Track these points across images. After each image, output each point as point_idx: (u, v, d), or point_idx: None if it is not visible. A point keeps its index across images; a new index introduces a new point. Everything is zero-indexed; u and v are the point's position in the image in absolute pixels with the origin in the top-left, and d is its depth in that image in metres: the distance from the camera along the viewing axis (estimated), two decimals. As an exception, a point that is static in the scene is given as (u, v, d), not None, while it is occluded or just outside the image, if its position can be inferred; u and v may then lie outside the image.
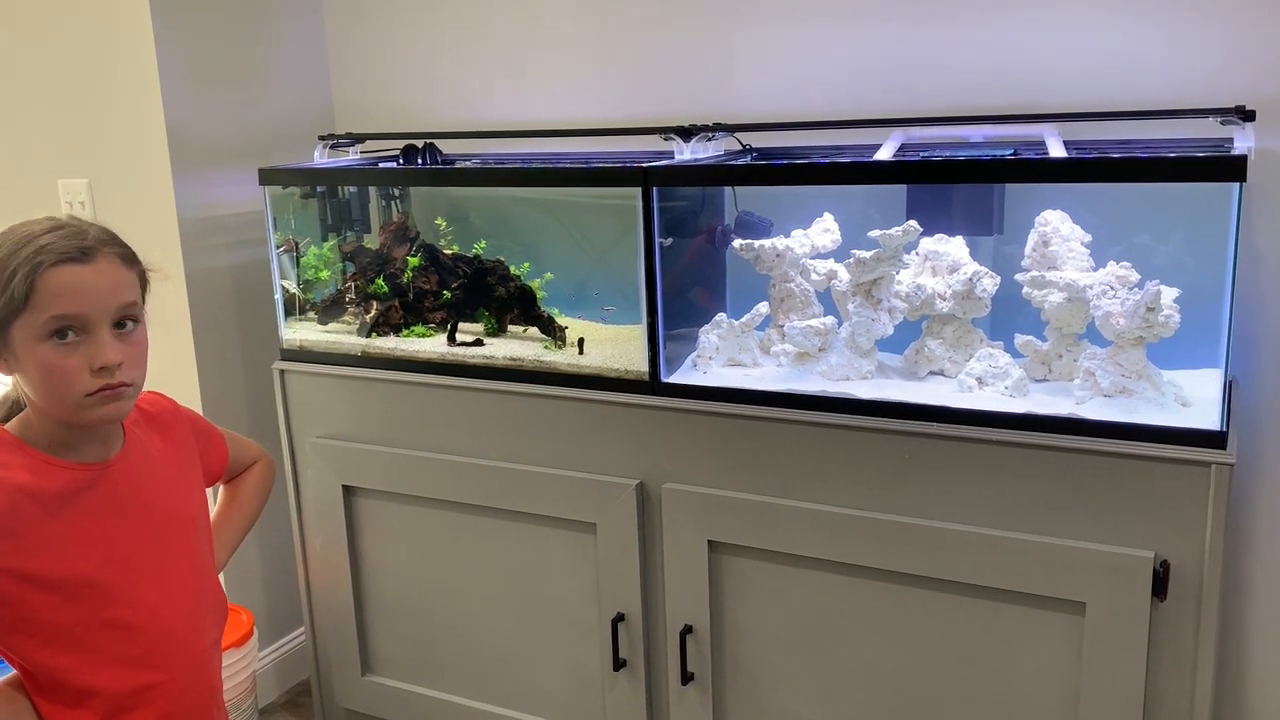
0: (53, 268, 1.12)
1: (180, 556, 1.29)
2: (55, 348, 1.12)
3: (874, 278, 1.79)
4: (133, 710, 1.22)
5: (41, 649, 1.16)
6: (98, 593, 1.18)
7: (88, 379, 1.13)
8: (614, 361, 1.90)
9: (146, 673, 1.22)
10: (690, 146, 1.93)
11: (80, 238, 1.15)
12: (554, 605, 1.98)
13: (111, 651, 1.19)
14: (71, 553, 1.16)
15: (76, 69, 2.32)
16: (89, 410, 1.15)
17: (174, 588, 1.27)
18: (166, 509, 1.28)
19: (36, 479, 1.16)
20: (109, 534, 1.20)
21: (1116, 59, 1.85)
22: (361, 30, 2.57)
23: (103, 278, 1.15)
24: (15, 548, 1.12)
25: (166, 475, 1.31)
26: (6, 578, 1.12)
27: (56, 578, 1.15)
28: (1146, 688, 1.52)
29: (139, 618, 1.21)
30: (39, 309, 1.11)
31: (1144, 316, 1.56)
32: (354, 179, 2.29)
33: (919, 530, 1.62)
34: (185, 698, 1.27)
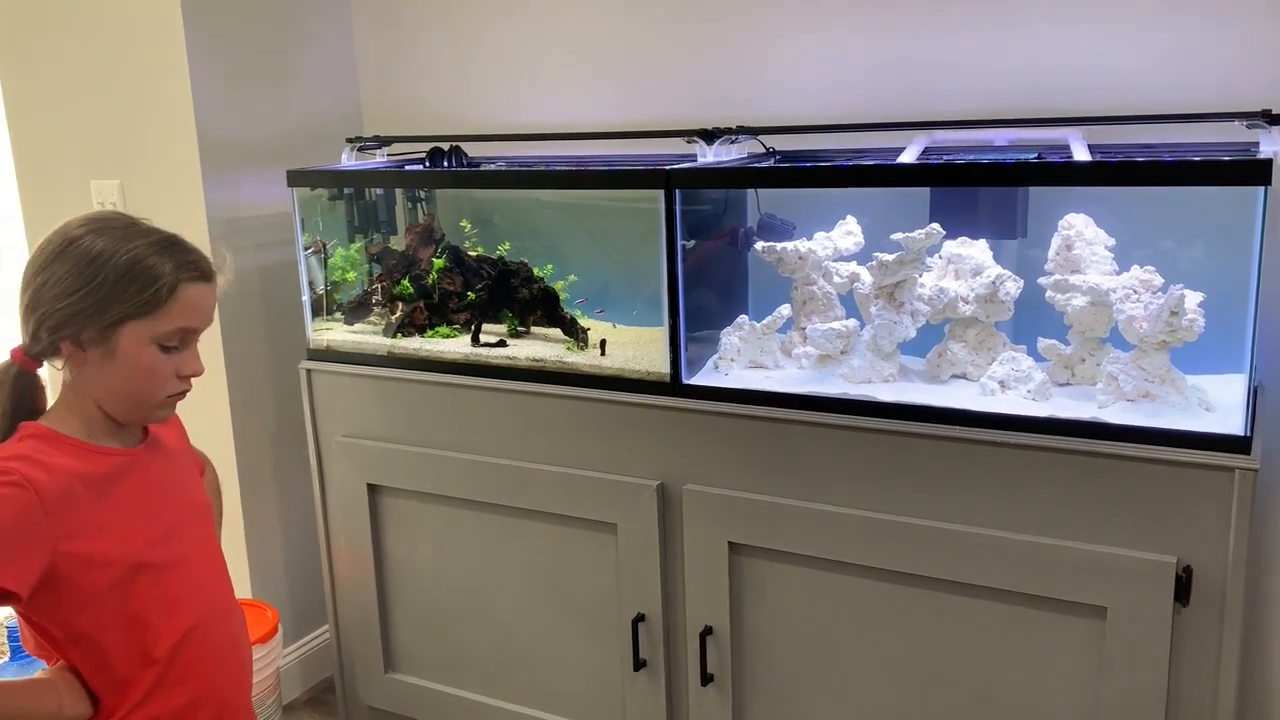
0: (191, 283, 1.21)
1: (206, 541, 1.35)
2: (159, 352, 1.20)
3: (897, 280, 1.79)
4: (176, 685, 1.26)
5: (101, 629, 1.20)
6: (146, 571, 1.23)
7: (174, 382, 1.23)
8: (636, 363, 1.91)
9: (189, 649, 1.27)
10: (713, 149, 1.94)
11: (204, 261, 1.24)
12: (575, 605, 1.99)
13: (160, 627, 1.24)
14: (122, 533, 1.21)
15: (109, 72, 2.35)
16: (160, 410, 1.25)
17: (207, 570, 1.33)
18: (188, 496, 1.34)
19: (82, 464, 1.20)
20: (150, 515, 1.25)
21: (1141, 63, 1.84)
22: (389, 34, 2.59)
23: (212, 298, 1.26)
24: (74, 530, 1.16)
25: (180, 465, 1.37)
26: (67, 559, 1.16)
27: (109, 557, 1.20)
28: (1168, 694, 1.51)
29: (181, 595, 1.26)
30: (169, 318, 1.19)
31: (1168, 320, 1.55)
32: (381, 181, 2.32)
33: (940, 533, 1.62)
34: (223, 675, 1.31)
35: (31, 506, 1.13)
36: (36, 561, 1.14)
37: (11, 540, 1.12)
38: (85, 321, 1.18)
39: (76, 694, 1.22)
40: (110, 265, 1.17)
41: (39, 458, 1.17)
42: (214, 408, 2.41)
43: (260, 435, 2.46)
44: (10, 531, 1.12)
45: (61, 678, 1.23)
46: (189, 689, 1.27)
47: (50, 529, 1.15)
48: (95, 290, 1.17)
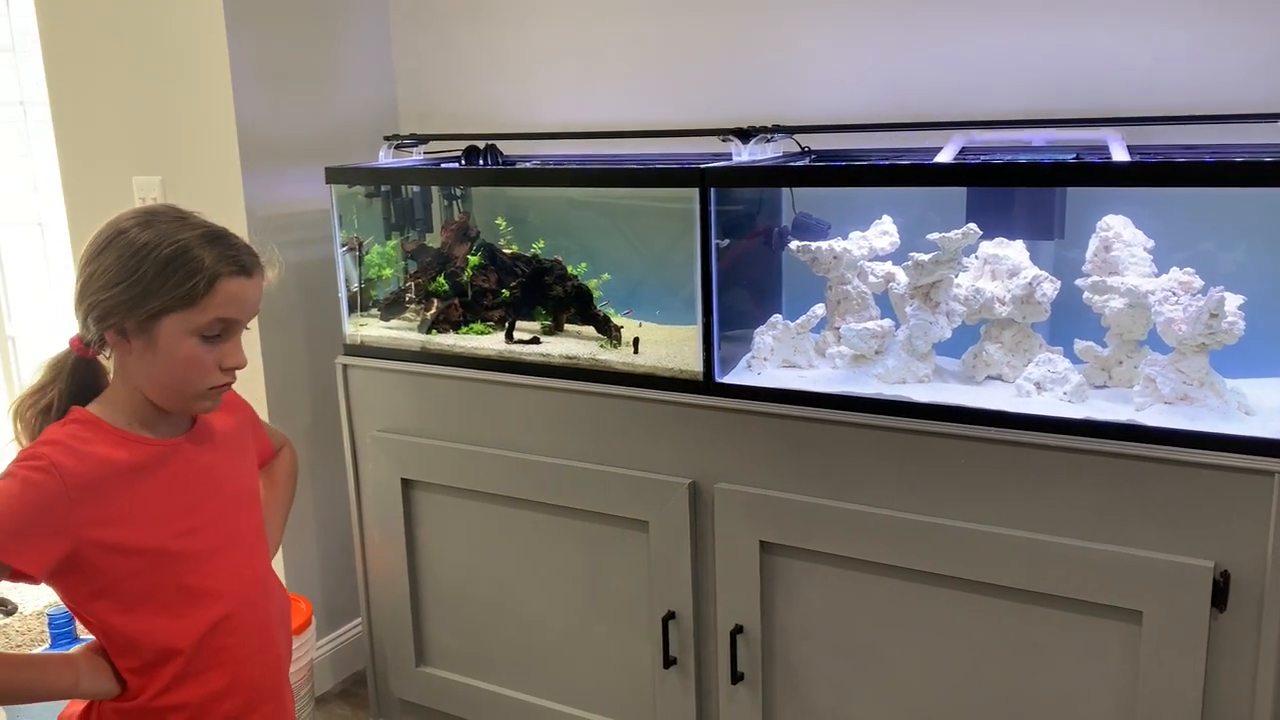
0: (232, 276, 1.22)
1: (248, 530, 1.36)
2: (200, 344, 1.22)
3: (932, 281, 1.78)
4: (205, 672, 1.27)
5: (124, 613, 1.22)
6: (175, 560, 1.24)
7: (216, 374, 1.24)
8: (669, 361, 1.91)
9: (219, 637, 1.28)
10: (749, 148, 1.94)
11: (248, 254, 1.26)
12: (606, 602, 2.00)
13: (187, 616, 1.25)
14: (151, 522, 1.23)
15: (153, 70, 2.39)
16: (203, 401, 1.26)
17: (244, 559, 1.34)
18: (233, 485, 1.35)
19: (118, 453, 1.22)
20: (184, 506, 1.26)
21: (1182, 62, 1.83)
22: (426, 33, 2.61)
23: (255, 291, 1.27)
24: (100, 517, 1.18)
25: (231, 454, 1.37)
26: (91, 546, 1.18)
27: (138, 546, 1.21)
28: (1204, 700, 1.50)
29: (213, 585, 1.28)
30: (208, 309, 1.21)
31: (1207, 323, 1.54)
32: (417, 179, 2.33)
33: (974, 535, 1.61)
34: (254, 663, 1.32)
35: (56, 492, 1.16)
36: (56, 546, 1.16)
37: (31, 524, 1.14)
38: (127, 312, 1.20)
39: (99, 672, 1.24)
40: (152, 258, 1.19)
41: (75, 444, 1.20)
42: (251, 402, 2.43)
43: (296, 429, 2.49)
44: (31, 515, 1.15)
45: (85, 655, 1.25)
46: (219, 676, 1.29)
47: (74, 515, 1.17)
48: (137, 282, 1.19)
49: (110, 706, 1.27)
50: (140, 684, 1.25)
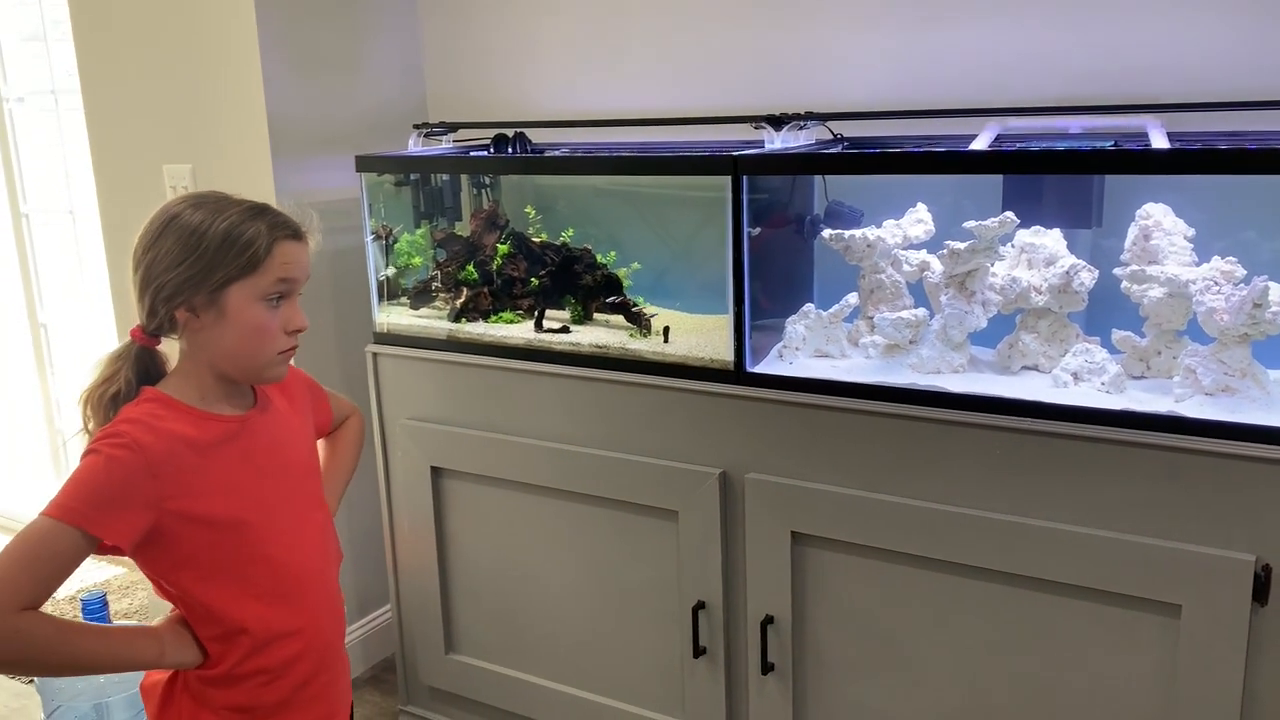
0: (285, 240, 1.30)
1: (310, 502, 1.42)
2: (265, 308, 1.29)
3: (968, 269, 1.76)
4: (278, 642, 1.33)
5: (202, 583, 1.28)
6: (247, 531, 1.30)
7: (282, 338, 1.32)
8: (699, 350, 1.90)
9: (290, 607, 1.35)
10: (781, 135, 1.93)
11: (294, 220, 1.34)
12: (635, 591, 2.00)
13: (261, 586, 1.32)
14: (225, 495, 1.29)
15: (182, 58, 2.40)
16: (273, 367, 1.32)
17: (308, 530, 1.40)
18: (295, 459, 1.41)
19: (192, 429, 1.28)
20: (253, 479, 1.33)
21: (1223, 47, 1.79)
22: (455, 20, 2.61)
23: (306, 255, 1.35)
24: (179, 491, 1.24)
25: (291, 428, 1.44)
26: (173, 518, 1.24)
27: (214, 517, 1.27)
28: (1244, 695, 1.48)
29: (282, 555, 1.34)
30: (268, 272, 1.28)
31: (1250, 313, 1.51)
32: (447, 167, 2.33)
33: (1008, 527, 1.59)
34: (322, 634, 1.39)
35: (138, 468, 1.21)
36: (141, 519, 1.22)
37: (117, 498, 1.20)
38: (195, 287, 1.26)
39: (182, 643, 1.29)
40: (210, 233, 1.26)
41: (151, 422, 1.26)
42: (281, 389, 2.45)
43: (325, 417, 2.50)
44: (117, 490, 1.20)
45: (168, 627, 1.31)
46: (294, 640, 1.35)
47: (155, 490, 1.22)
48: (200, 258, 1.25)
49: (194, 675, 1.32)
50: (221, 651, 1.31)
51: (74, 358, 3.55)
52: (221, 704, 1.32)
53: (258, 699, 1.33)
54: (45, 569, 1.16)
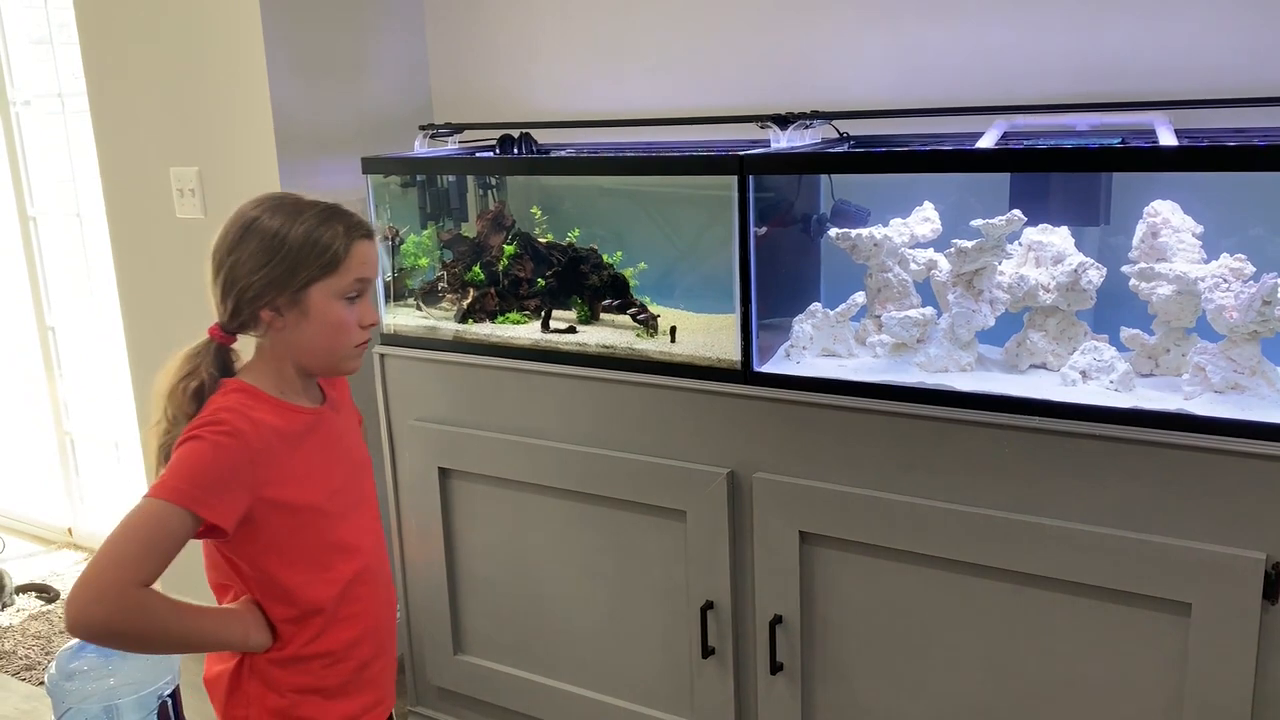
0: (361, 239, 1.36)
1: (369, 490, 1.49)
2: (344, 306, 1.35)
3: (975, 268, 1.76)
4: (344, 624, 1.39)
5: (285, 567, 1.35)
6: (323, 518, 1.37)
7: (358, 332, 1.37)
8: (706, 350, 1.90)
9: (357, 588, 1.40)
10: (787, 134, 1.92)
11: (363, 220, 1.39)
12: (643, 591, 1.99)
13: (333, 571, 1.38)
14: (305, 482, 1.35)
15: (188, 61, 2.40)
16: (350, 360, 1.38)
17: (370, 522, 1.46)
18: (357, 450, 1.48)
19: (278, 419, 1.35)
20: (327, 469, 1.39)
21: (1230, 44, 1.79)
22: (460, 21, 2.61)
23: (375, 253, 1.41)
24: (271, 477, 1.31)
25: (350, 425, 1.51)
26: (264, 503, 1.30)
27: (297, 503, 1.34)
28: (1255, 695, 1.47)
29: (353, 540, 1.40)
30: (348, 272, 1.34)
31: (1259, 310, 1.51)
32: (453, 168, 2.33)
33: (1017, 526, 1.59)
34: (380, 619, 1.45)
35: (240, 453, 1.28)
36: (241, 503, 1.28)
37: (223, 481, 1.26)
38: (279, 289, 1.32)
39: (260, 626, 1.36)
40: (291, 236, 1.32)
41: (245, 411, 1.32)
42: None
43: (333, 419, 2.50)
44: (224, 474, 1.27)
45: (248, 610, 1.36)
46: (357, 624, 1.41)
47: (253, 475, 1.29)
48: (283, 260, 1.31)
49: (263, 658, 1.37)
50: (292, 633, 1.36)
51: (82, 360, 3.56)
52: (288, 686, 1.37)
53: (322, 680, 1.39)
54: (160, 548, 1.22)
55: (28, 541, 3.64)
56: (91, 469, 3.60)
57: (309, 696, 1.38)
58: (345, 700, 1.41)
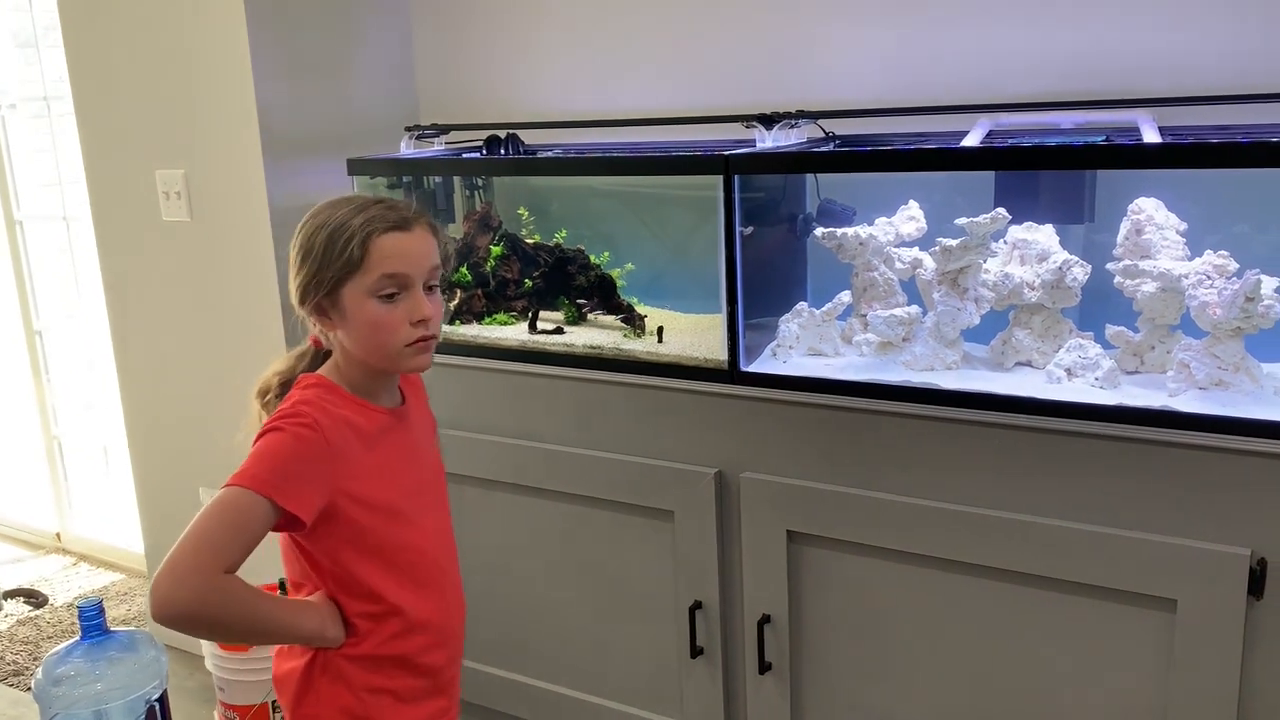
0: (383, 234, 1.29)
1: (443, 497, 1.47)
2: (381, 303, 1.29)
3: (960, 266, 1.76)
4: (419, 628, 1.37)
5: (364, 563, 1.32)
6: (399, 519, 1.34)
7: (407, 330, 1.30)
8: (693, 350, 1.90)
9: (430, 595, 1.38)
10: (773, 134, 1.92)
11: (399, 209, 1.32)
12: (631, 592, 1.99)
13: (408, 572, 1.35)
14: (383, 481, 1.33)
15: (173, 63, 2.39)
16: (406, 360, 1.32)
17: (442, 523, 1.44)
18: (431, 459, 1.46)
19: (356, 415, 1.33)
20: (404, 470, 1.37)
21: (1214, 41, 1.79)
22: (446, 22, 2.60)
23: (419, 244, 1.32)
24: (349, 471, 1.29)
25: (426, 428, 1.48)
26: (343, 497, 1.29)
27: (374, 501, 1.31)
28: (1240, 689, 1.48)
29: (427, 544, 1.38)
30: (370, 269, 1.28)
31: (1242, 307, 1.51)
32: (439, 169, 2.33)
33: (1004, 523, 1.59)
34: (453, 625, 1.43)
35: (321, 446, 1.27)
36: (320, 495, 1.27)
37: (303, 473, 1.25)
38: (315, 291, 1.30)
39: (335, 620, 1.33)
40: (317, 237, 1.30)
41: (322, 404, 1.30)
42: (276, 394, 2.45)
43: (321, 421, 2.49)
44: (305, 466, 1.26)
45: (325, 603, 1.34)
46: (430, 629, 1.38)
47: (331, 468, 1.27)
48: (312, 262, 1.30)
49: (337, 654, 1.34)
50: (369, 629, 1.34)
51: (69, 364, 3.54)
52: (361, 685, 1.35)
53: (394, 683, 1.36)
54: (242, 535, 1.21)
55: (15, 547, 3.62)
56: (80, 474, 3.59)
57: (381, 697, 1.36)
58: (415, 706, 1.39)
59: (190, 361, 2.59)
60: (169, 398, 2.66)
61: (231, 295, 2.46)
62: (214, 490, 1.29)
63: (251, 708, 2.17)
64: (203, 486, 2.61)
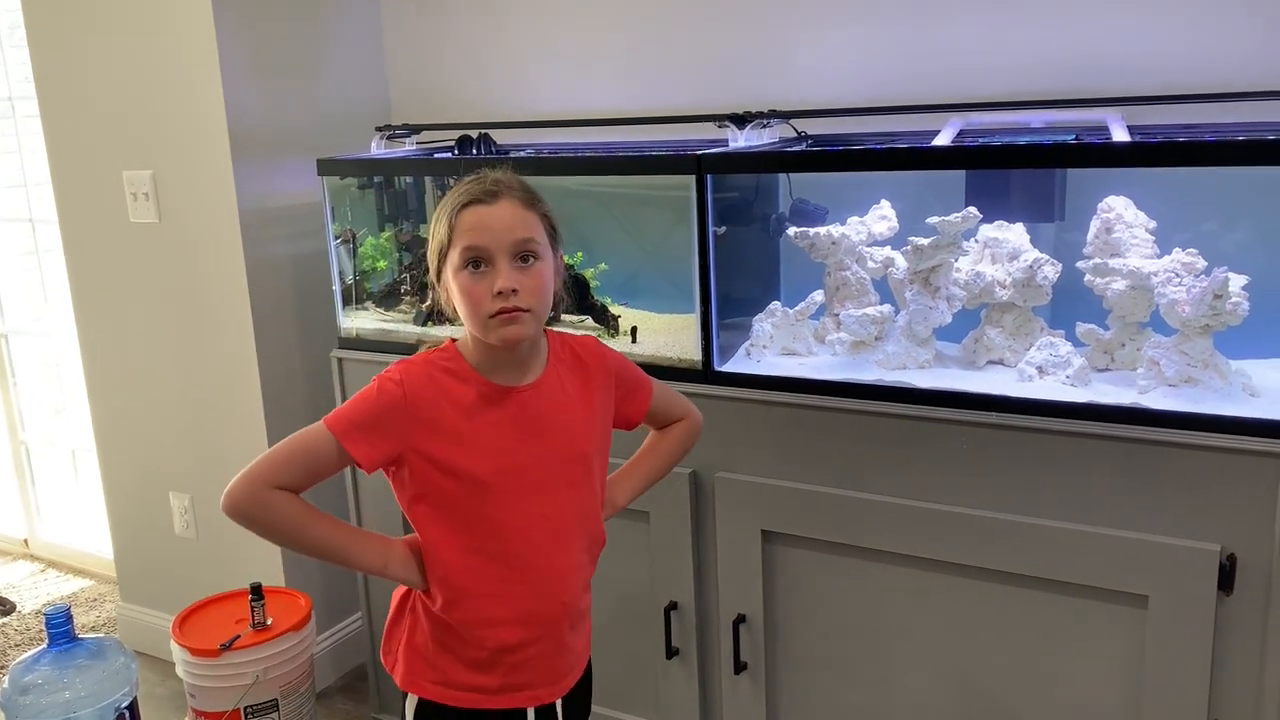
0: (465, 209, 1.33)
1: (563, 483, 1.42)
2: (469, 275, 1.32)
3: (932, 265, 1.77)
4: (493, 598, 1.37)
5: (432, 523, 1.36)
6: (483, 490, 1.35)
7: (490, 302, 1.31)
8: (667, 350, 1.90)
9: (508, 570, 1.37)
10: (745, 134, 1.92)
11: (487, 183, 1.35)
12: (606, 593, 1.98)
13: (482, 543, 1.36)
14: (470, 451, 1.35)
15: (140, 63, 2.36)
16: (493, 330, 1.33)
17: (548, 508, 1.40)
18: (563, 440, 1.42)
19: (458, 385, 1.36)
20: (505, 447, 1.37)
21: (1181, 41, 1.81)
22: (418, 21, 2.59)
23: (503, 215, 1.33)
24: (429, 433, 1.33)
25: (574, 411, 1.44)
26: (417, 455, 1.34)
27: (454, 467, 1.34)
28: (1211, 683, 1.49)
29: (510, 522, 1.37)
30: (456, 244, 1.33)
31: (1211, 304, 1.52)
32: (410, 169, 2.31)
33: (977, 521, 1.60)
34: (534, 603, 1.40)
35: (397, 400, 1.32)
36: (386, 446, 1.33)
37: (373, 423, 1.32)
38: (431, 263, 1.38)
39: (407, 564, 1.38)
40: (437, 213, 1.36)
41: (429, 368, 1.36)
42: (246, 395, 2.43)
43: (292, 423, 2.45)
44: (378, 414, 1.32)
45: (401, 544, 1.40)
46: (501, 606, 1.38)
47: (405, 424, 1.32)
48: (431, 236, 1.37)
49: (420, 598, 1.41)
50: (436, 591, 1.37)
51: (36, 368, 3.50)
52: (431, 633, 1.40)
53: (457, 649, 1.39)
54: (304, 462, 1.32)
55: (-17, 553, 3.57)
56: (48, 479, 3.54)
57: (445, 655, 1.40)
58: (481, 674, 1.40)
59: (160, 365, 2.56)
60: (138, 402, 2.63)
61: (201, 298, 2.44)
62: (184, 495, 1.30)
63: (223, 714, 2.14)
64: (173, 491, 2.59)
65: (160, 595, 2.76)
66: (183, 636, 2.17)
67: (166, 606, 2.70)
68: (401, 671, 1.44)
